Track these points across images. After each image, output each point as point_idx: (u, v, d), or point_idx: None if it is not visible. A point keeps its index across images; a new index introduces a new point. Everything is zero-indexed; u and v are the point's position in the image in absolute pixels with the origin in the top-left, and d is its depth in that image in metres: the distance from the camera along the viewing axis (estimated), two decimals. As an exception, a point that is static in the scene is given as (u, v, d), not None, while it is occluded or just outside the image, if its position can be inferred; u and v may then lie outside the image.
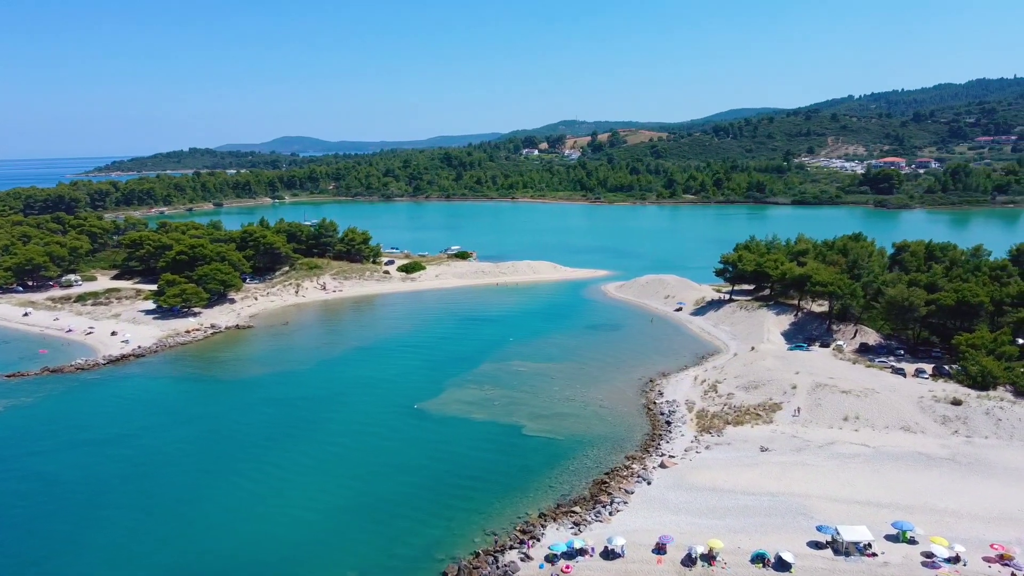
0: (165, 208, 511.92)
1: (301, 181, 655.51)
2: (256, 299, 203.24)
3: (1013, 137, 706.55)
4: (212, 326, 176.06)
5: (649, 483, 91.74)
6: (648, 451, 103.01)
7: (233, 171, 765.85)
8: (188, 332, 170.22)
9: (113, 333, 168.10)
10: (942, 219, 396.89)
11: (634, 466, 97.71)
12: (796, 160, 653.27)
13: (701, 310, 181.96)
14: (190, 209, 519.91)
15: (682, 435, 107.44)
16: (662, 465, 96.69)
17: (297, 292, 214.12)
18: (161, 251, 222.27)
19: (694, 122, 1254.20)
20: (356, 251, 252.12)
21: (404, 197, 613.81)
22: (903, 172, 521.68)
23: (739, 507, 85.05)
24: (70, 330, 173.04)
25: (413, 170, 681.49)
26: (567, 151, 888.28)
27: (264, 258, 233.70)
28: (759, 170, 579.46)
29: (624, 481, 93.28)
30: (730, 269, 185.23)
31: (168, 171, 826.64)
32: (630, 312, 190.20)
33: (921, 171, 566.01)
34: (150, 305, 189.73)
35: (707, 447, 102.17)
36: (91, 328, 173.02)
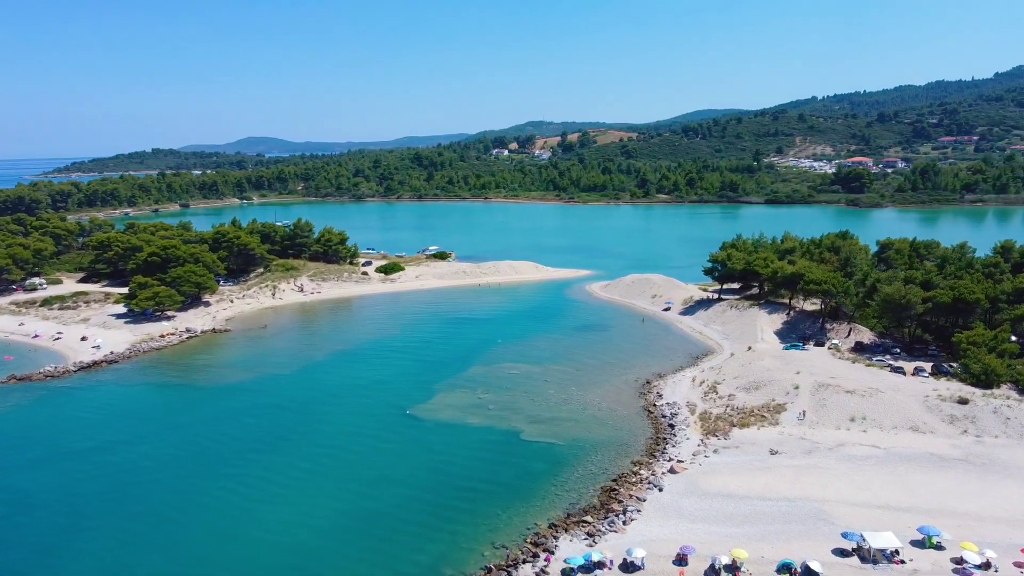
0: (130, 209, 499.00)
1: (269, 182, 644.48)
2: (232, 302, 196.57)
3: (975, 137, 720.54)
4: (188, 330, 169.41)
5: (661, 490, 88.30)
6: (655, 456, 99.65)
7: (199, 172, 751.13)
8: (163, 336, 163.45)
9: (83, 338, 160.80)
10: (915, 217, 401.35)
11: (642, 472, 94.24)
12: (766, 160, 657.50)
13: (690, 309, 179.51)
14: (156, 210, 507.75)
15: (687, 438, 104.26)
16: (672, 470, 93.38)
17: (274, 294, 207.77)
18: (130, 253, 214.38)
19: (660, 123, 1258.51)
20: (333, 252, 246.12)
21: (375, 197, 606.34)
22: (872, 172, 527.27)
23: (757, 514, 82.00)
24: (37, 336, 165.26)
25: (384, 170, 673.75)
26: (537, 151, 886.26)
27: (238, 260, 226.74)
28: (730, 170, 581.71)
29: (634, 488, 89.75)
30: (719, 268, 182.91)
31: (131, 172, 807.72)
32: (618, 312, 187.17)
33: (889, 171, 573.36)
34: (121, 309, 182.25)
35: (715, 451, 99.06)
36: (59, 334, 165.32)
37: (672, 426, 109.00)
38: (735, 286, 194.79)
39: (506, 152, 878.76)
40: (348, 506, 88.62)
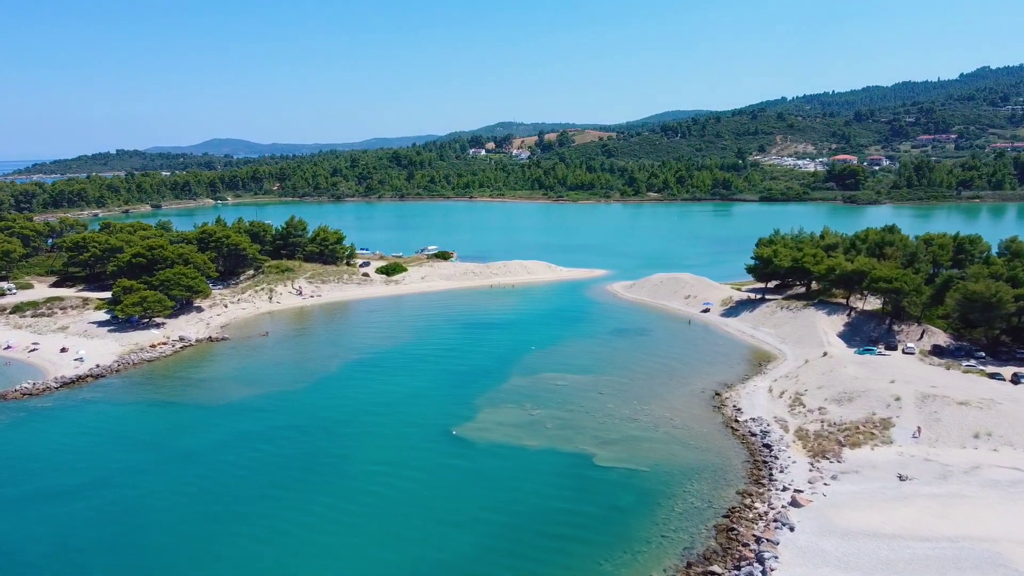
0: (99, 210, 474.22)
1: (243, 181, 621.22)
2: (226, 307, 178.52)
3: (953, 136, 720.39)
4: (181, 339, 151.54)
5: (792, 529, 73.34)
6: (762, 483, 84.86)
7: (167, 172, 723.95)
8: (154, 346, 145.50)
9: (63, 350, 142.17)
10: (915, 214, 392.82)
11: (757, 505, 79.34)
12: (750, 159, 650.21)
13: (732, 311, 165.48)
14: (126, 211, 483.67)
15: (793, 461, 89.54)
16: (794, 503, 78.53)
17: (271, 298, 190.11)
18: (109, 254, 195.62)
19: (631, 123, 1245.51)
20: (329, 252, 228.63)
21: (355, 197, 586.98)
22: (865, 169, 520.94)
23: (918, 559, 67.45)
24: (9, 347, 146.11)
25: (362, 170, 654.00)
26: (515, 151, 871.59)
27: (226, 261, 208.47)
28: (719, 168, 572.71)
29: (755, 526, 74.78)
30: (762, 265, 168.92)
31: (96, 173, 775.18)
32: (651, 314, 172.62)
33: (876, 168, 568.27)
34: (102, 316, 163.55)
35: (833, 477, 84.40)
36: (35, 344, 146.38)
37: (768, 447, 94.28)
38: (770, 285, 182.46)
39: (483, 152, 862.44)
40: (406, 558, 72.41)
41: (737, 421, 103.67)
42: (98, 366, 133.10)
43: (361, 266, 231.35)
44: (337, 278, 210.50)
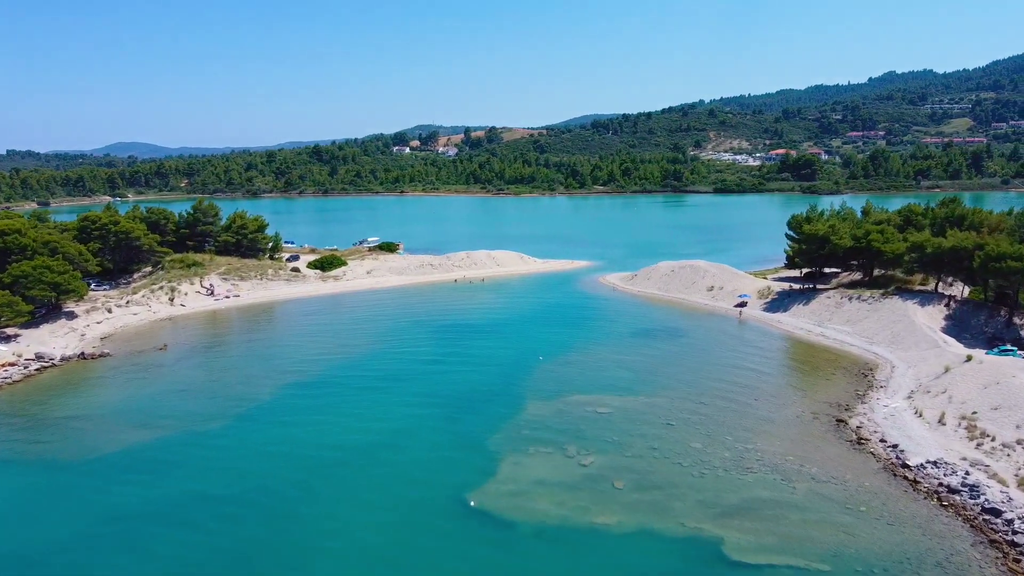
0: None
1: (147, 177, 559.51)
2: (110, 312, 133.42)
3: (881, 132, 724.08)
4: (38, 356, 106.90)
5: None
6: (1046, 592, 49.01)
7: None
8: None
9: None
10: (879, 202, 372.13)
11: (1088, 647, 43.25)
12: (690, 154, 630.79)
13: (777, 304, 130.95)
14: (7, 208, 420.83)
15: (1065, 543, 53.98)
16: None
17: (173, 300, 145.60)
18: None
19: (551, 126, 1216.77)
20: (249, 243, 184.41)
21: (273, 193, 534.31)
22: (823, 159, 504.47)
23: None
24: None
25: (279, 165, 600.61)
26: (441, 148, 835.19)
27: (116, 255, 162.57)
28: (666, 161, 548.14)
29: None
30: (811, 247, 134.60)
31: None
32: (672, 311, 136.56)
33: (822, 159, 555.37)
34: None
35: None
36: None
37: (996, 513, 58.53)
38: (795, 273, 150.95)
39: (407, 150, 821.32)
40: None
41: (907, 467, 67.73)
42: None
43: (289, 260, 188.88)
44: (259, 274, 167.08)
